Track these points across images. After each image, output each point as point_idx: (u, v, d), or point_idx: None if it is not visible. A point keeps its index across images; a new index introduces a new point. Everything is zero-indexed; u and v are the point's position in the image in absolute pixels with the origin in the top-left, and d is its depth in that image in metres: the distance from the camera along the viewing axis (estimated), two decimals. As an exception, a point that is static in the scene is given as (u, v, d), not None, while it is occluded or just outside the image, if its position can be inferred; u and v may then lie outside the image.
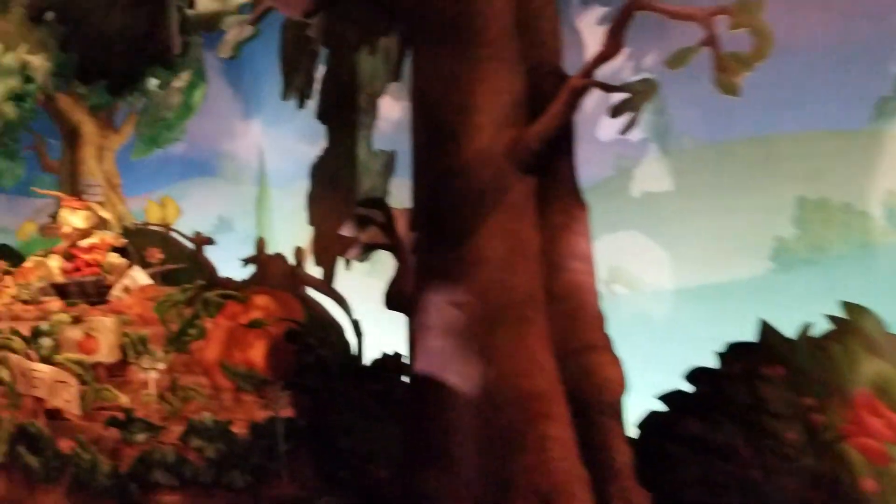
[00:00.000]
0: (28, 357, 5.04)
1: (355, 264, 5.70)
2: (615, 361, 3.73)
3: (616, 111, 3.56)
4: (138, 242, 8.18)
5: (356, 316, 6.20)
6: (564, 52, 4.16)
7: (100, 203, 7.58)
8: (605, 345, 3.75)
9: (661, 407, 4.49)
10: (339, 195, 5.80)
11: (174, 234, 8.72)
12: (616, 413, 3.65)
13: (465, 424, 3.63)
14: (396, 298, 4.02)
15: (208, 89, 12.10)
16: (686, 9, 3.44)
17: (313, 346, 5.84)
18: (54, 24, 10.14)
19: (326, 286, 6.34)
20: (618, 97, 3.61)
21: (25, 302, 6.68)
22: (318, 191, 6.09)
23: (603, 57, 3.54)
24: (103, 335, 5.54)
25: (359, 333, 5.79)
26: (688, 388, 4.35)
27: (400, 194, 5.32)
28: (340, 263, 6.17)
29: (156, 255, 7.31)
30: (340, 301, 6.27)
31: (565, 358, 3.67)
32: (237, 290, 6.25)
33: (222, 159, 12.88)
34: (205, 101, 12.13)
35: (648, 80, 3.55)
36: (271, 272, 7.22)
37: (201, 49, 11.27)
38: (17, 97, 11.39)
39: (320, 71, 6.42)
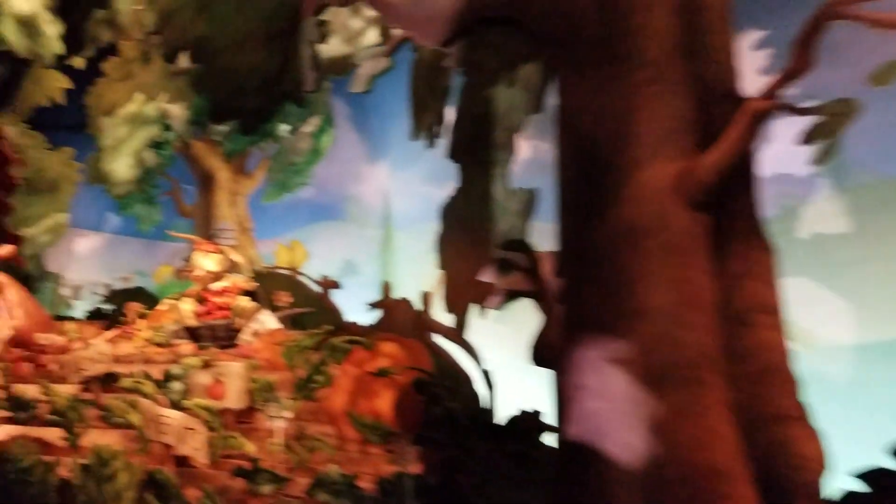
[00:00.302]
0: (158, 402, 4.90)
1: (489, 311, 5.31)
2: (813, 435, 3.13)
3: (809, 138, 3.01)
4: (268, 286, 8.12)
5: (487, 366, 5.78)
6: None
7: (232, 247, 7.53)
8: (801, 415, 3.16)
9: (860, 487, 3.78)
10: (472, 238, 5.46)
11: (302, 278, 8.71)
12: (814, 497, 3.02)
13: (626, 502, 3.11)
14: (544, 353, 3.58)
15: (336, 134, 12.29)
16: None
17: (442, 397, 5.47)
18: (191, 73, 10.67)
19: (455, 334, 6.00)
20: (807, 122, 3.05)
21: (158, 345, 6.70)
22: (448, 233, 5.78)
23: (791, 74, 3.05)
24: (231, 380, 5.38)
25: (490, 386, 5.36)
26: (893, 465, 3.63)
27: (540, 237, 4.91)
28: (473, 310, 5.77)
29: (284, 298, 7.21)
30: (470, 350, 5.89)
31: (751, 429, 3.10)
32: (364, 335, 6.00)
33: (348, 203, 12.94)
34: (332, 146, 12.32)
35: (847, 101, 3.01)
36: (397, 317, 6.99)
37: (330, 94, 11.50)
38: (157, 145, 12.00)
39: (451, 108, 6.15)
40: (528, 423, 4.67)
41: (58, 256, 12.19)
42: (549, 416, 4.29)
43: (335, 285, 8.62)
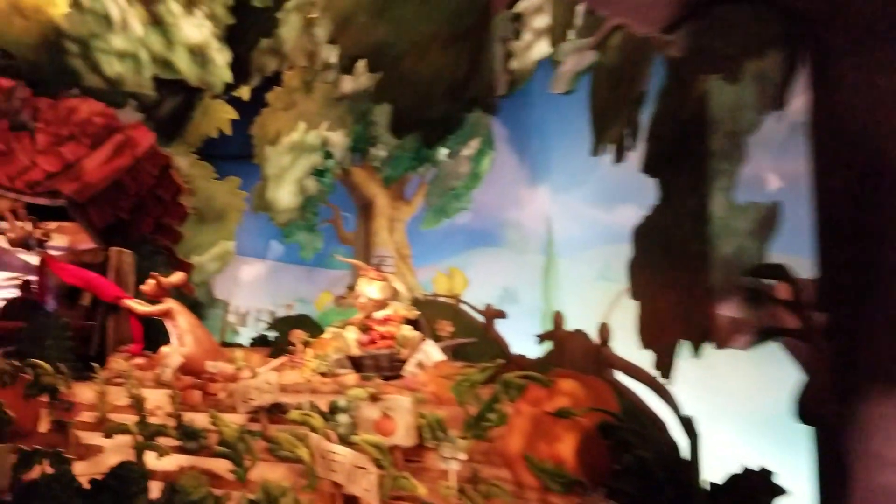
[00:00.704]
0: (327, 437, 4.61)
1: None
2: None
3: None
4: (427, 314, 7.84)
5: (686, 412, 5.10)
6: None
7: (393, 274, 7.29)
8: None
9: None
10: (679, 263, 4.80)
11: (464, 307, 8.39)
12: None
13: None
14: (812, 407, 2.91)
15: (493, 156, 12.01)
16: None
17: (633, 444, 4.85)
18: (353, 100, 10.82)
19: (645, 373, 5.35)
20: None
21: (322, 374, 6.53)
22: (645, 258, 5.15)
23: None
24: (401, 415, 5.04)
25: (692, 434, 4.68)
26: None
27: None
28: (681, 347, 5.12)
29: (446, 327, 6.84)
30: (664, 392, 5.23)
31: None
32: (536, 370, 5.50)
33: (507, 228, 12.64)
34: (491, 170, 12.04)
35: None
36: (570, 351, 6.45)
37: (489, 116, 11.25)
38: (318, 172, 12.25)
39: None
40: (754, 484, 3.96)
41: (224, 283, 12.59)
42: (783, 479, 3.58)
43: (501, 315, 8.23)
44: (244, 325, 12.17)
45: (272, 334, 9.00)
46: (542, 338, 7.02)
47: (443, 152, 11.24)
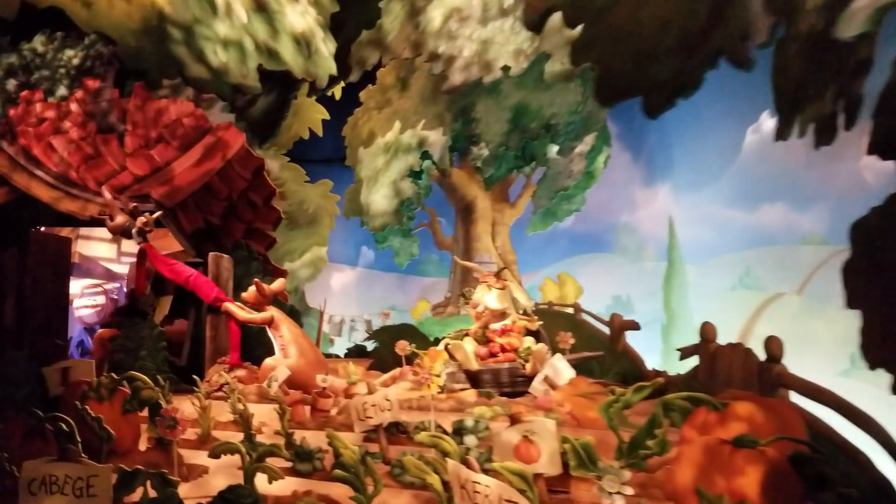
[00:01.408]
0: (468, 464, 4.00)
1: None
2: None
3: None
4: (546, 325, 7.17)
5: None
6: None
7: (510, 282, 6.66)
8: None
9: None
10: None
11: (585, 316, 7.70)
12: None
13: None
14: None
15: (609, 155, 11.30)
16: None
17: (834, 480, 4.05)
18: (451, 96, 10.32)
19: (834, 396, 4.56)
20: None
21: (439, 390, 5.95)
22: (865, 260, 4.31)
23: None
24: (545, 440, 4.42)
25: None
26: None
27: None
28: None
29: (568, 339, 6.29)
30: (862, 419, 4.43)
31: None
32: (685, 389, 4.77)
33: (620, 232, 11.91)
34: (605, 169, 11.32)
35: None
36: (725, 367, 5.67)
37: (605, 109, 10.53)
38: (414, 174, 11.83)
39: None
40: None
41: (317, 291, 12.24)
42: None
43: (633, 326, 7.51)
44: (338, 334, 11.68)
45: (370, 344, 8.38)
46: (685, 352, 6.26)
47: (552, 150, 10.56)
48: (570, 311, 8.28)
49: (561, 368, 5.91)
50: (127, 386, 5.11)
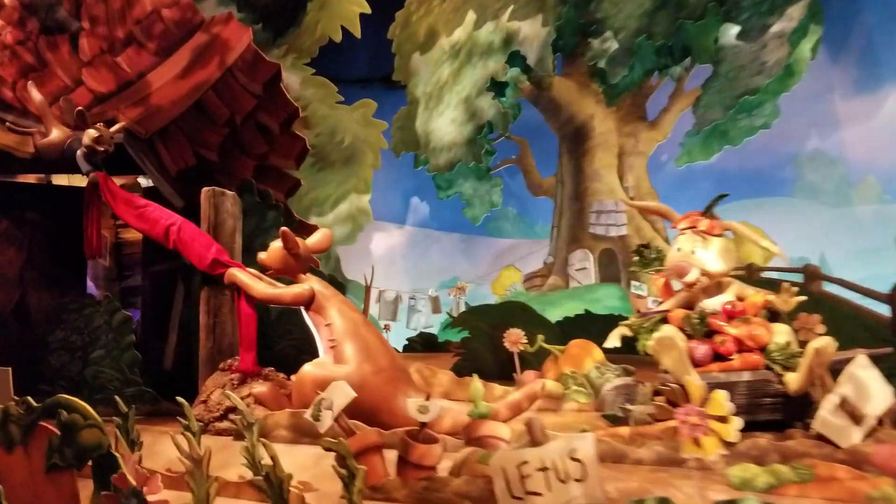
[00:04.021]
0: None
1: None
2: None
3: None
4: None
5: None
6: None
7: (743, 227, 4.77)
8: None
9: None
10: None
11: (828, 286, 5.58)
12: None
13: None
14: None
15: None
16: None
17: None
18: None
19: None
20: None
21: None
22: None
23: None
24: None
25: None
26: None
27: None
28: None
29: (815, 325, 4.22)
30: None
31: None
32: None
33: (814, 163, 9.56)
34: (812, 62, 8.85)
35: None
36: None
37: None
38: (496, 88, 9.86)
39: None
40: None
41: (357, 257, 10.57)
42: None
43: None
44: (393, 317, 10.16)
45: (451, 334, 7.19)
46: None
47: (729, 32, 8.34)
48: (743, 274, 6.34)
49: (869, 385, 3.86)
50: (55, 420, 3.85)
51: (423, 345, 7.43)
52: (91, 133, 6.32)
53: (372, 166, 10.42)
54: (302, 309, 5.54)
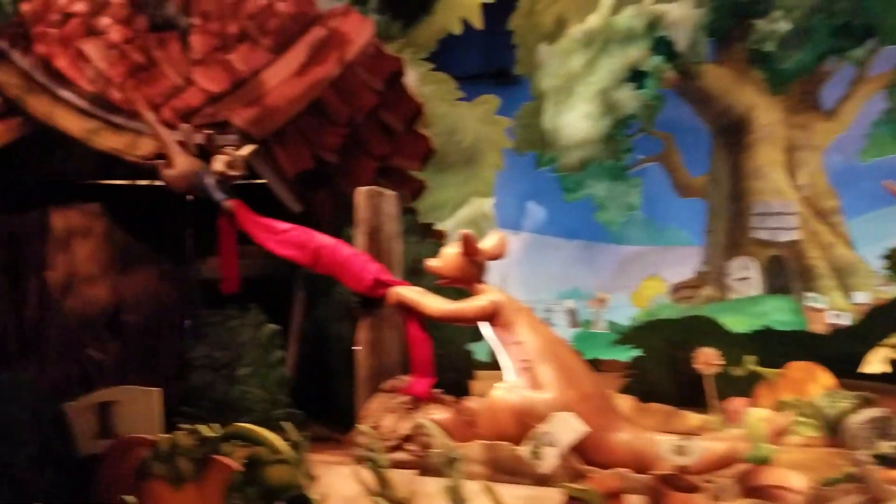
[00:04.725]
0: None
1: None
2: None
3: None
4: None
5: None
6: None
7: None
8: None
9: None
10: None
11: None
12: None
13: None
14: None
15: None
16: None
17: None
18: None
19: None
20: None
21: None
22: None
23: None
24: None
25: None
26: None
27: None
28: None
29: None
30: None
31: None
32: None
33: None
34: None
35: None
36: None
37: None
38: (637, 79, 9.46)
39: None
40: None
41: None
42: None
43: None
44: None
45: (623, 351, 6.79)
46: None
47: None
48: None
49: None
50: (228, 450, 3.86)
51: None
52: (223, 158, 6.19)
53: (493, 166, 10.17)
54: (488, 325, 5.17)
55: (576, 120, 9.33)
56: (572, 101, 9.31)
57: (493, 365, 5.75)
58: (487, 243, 5.44)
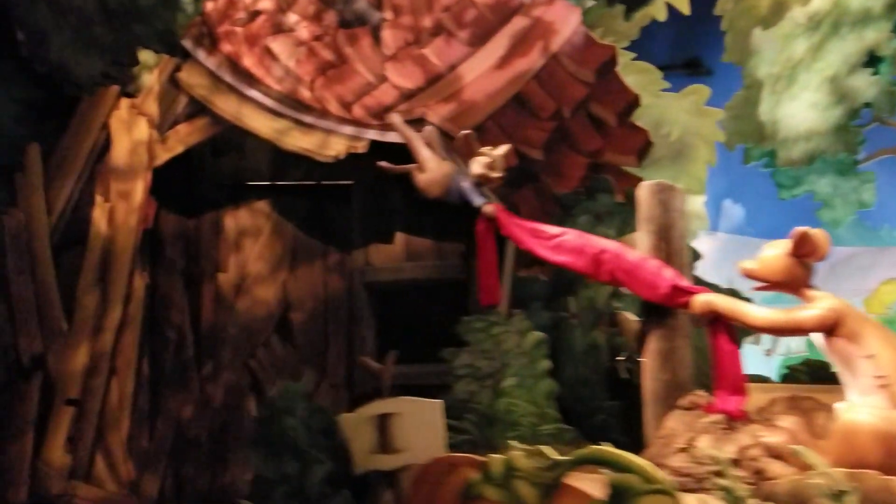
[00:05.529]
0: None
1: None
2: None
3: None
4: None
5: None
6: None
7: None
8: None
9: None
10: None
11: None
12: None
13: None
14: None
15: None
16: None
17: None
18: None
19: None
20: None
21: None
22: None
23: None
24: None
25: None
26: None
27: None
28: None
29: None
30: None
31: None
32: None
33: None
34: None
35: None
36: None
37: None
38: (874, 63, 8.73)
39: None
40: None
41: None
42: None
43: None
44: (755, 339, 9.33)
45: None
46: None
47: None
48: None
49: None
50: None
51: (809, 374, 6.32)
52: (482, 160, 5.88)
53: (706, 161, 9.63)
54: (823, 337, 4.55)
55: (800, 110, 8.58)
56: (795, 89, 8.59)
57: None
58: (817, 242, 4.74)
